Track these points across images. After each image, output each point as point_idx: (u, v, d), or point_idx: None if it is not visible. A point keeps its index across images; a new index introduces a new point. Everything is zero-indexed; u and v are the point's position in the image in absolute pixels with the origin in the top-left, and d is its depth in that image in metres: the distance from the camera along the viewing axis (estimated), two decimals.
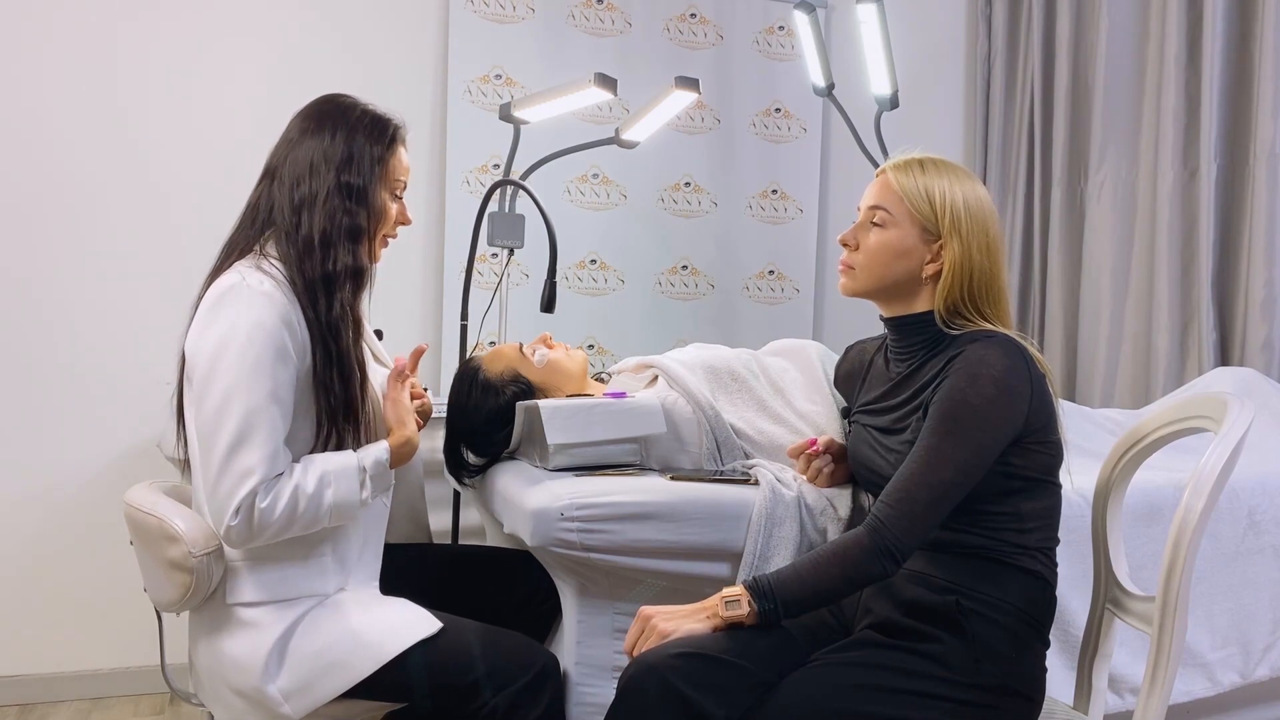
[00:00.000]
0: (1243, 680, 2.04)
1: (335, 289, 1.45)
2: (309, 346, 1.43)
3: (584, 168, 3.11)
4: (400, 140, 1.55)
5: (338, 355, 1.44)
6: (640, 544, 1.54)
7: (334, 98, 1.56)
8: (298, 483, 1.39)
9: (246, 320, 1.38)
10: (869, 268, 1.47)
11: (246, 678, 1.42)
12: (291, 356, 1.41)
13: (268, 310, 1.39)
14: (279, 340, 1.39)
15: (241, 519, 1.35)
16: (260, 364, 1.37)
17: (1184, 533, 1.31)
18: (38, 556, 2.64)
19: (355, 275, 1.48)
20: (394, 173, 1.53)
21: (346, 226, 1.47)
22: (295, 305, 1.43)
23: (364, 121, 1.52)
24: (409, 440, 1.53)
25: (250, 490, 1.35)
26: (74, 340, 2.66)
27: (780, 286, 3.40)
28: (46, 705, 2.63)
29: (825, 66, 2.84)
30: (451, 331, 2.93)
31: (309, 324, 1.44)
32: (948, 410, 1.33)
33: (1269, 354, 2.77)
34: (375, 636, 1.42)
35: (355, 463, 1.45)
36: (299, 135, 1.51)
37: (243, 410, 1.35)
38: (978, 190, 1.46)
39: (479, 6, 2.99)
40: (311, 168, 1.48)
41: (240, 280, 1.42)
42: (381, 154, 1.51)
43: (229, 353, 1.37)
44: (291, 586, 1.46)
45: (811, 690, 1.30)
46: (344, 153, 1.48)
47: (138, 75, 2.70)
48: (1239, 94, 2.90)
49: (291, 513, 1.38)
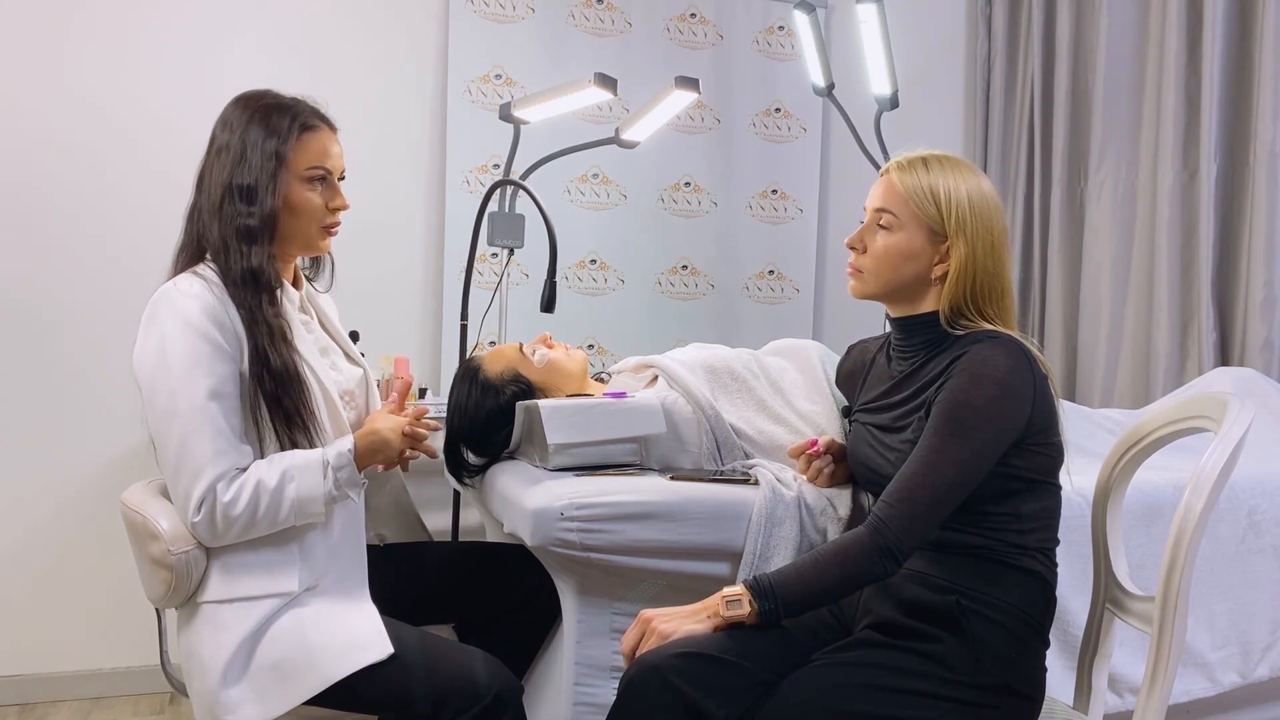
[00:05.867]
0: (1243, 680, 2.04)
1: (244, 291, 1.43)
2: (243, 342, 1.42)
3: (584, 168, 3.11)
4: (307, 125, 1.50)
5: (264, 356, 1.42)
6: (640, 544, 1.54)
7: (241, 95, 1.53)
8: (260, 477, 1.39)
9: (175, 323, 1.39)
10: (878, 271, 1.46)
11: (206, 679, 1.41)
12: (226, 350, 1.40)
13: (193, 309, 1.39)
14: (209, 336, 1.39)
15: (204, 515, 1.37)
16: (196, 363, 1.38)
17: (1184, 533, 1.31)
18: (38, 556, 2.64)
19: (254, 276, 1.44)
20: (302, 162, 1.48)
21: (238, 229, 1.44)
22: (227, 302, 1.43)
23: (259, 116, 1.48)
24: (375, 431, 1.48)
25: (208, 485, 1.36)
26: (74, 340, 2.65)
27: (780, 286, 3.40)
28: (46, 705, 2.63)
29: (825, 66, 2.84)
30: (451, 331, 2.93)
31: (243, 320, 1.43)
32: (950, 410, 1.33)
33: (1269, 354, 2.77)
34: (326, 655, 1.39)
35: (319, 457, 1.44)
36: (213, 139, 1.51)
37: (186, 409, 1.37)
38: (982, 185, 1.45)
39: (479, 6, 2.99)
40: (213, 171, 1.48)
41: (171, 287, 1.44)
42: (277, 147, 1.46)
43: (165, 357, 1.38)
44: (255, 584, 1.44)
45: (812, 690, 1.30)
46: (237, 151, 1.46)
47: (139, 77, 2.69)
48: (1239, 94, 2.90)
49: (254, 507, 1.38)
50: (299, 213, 1.50)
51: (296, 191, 1.49)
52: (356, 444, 1.47)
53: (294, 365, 1.45)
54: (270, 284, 1.46)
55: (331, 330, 1.66)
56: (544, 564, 1.65)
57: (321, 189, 1.51)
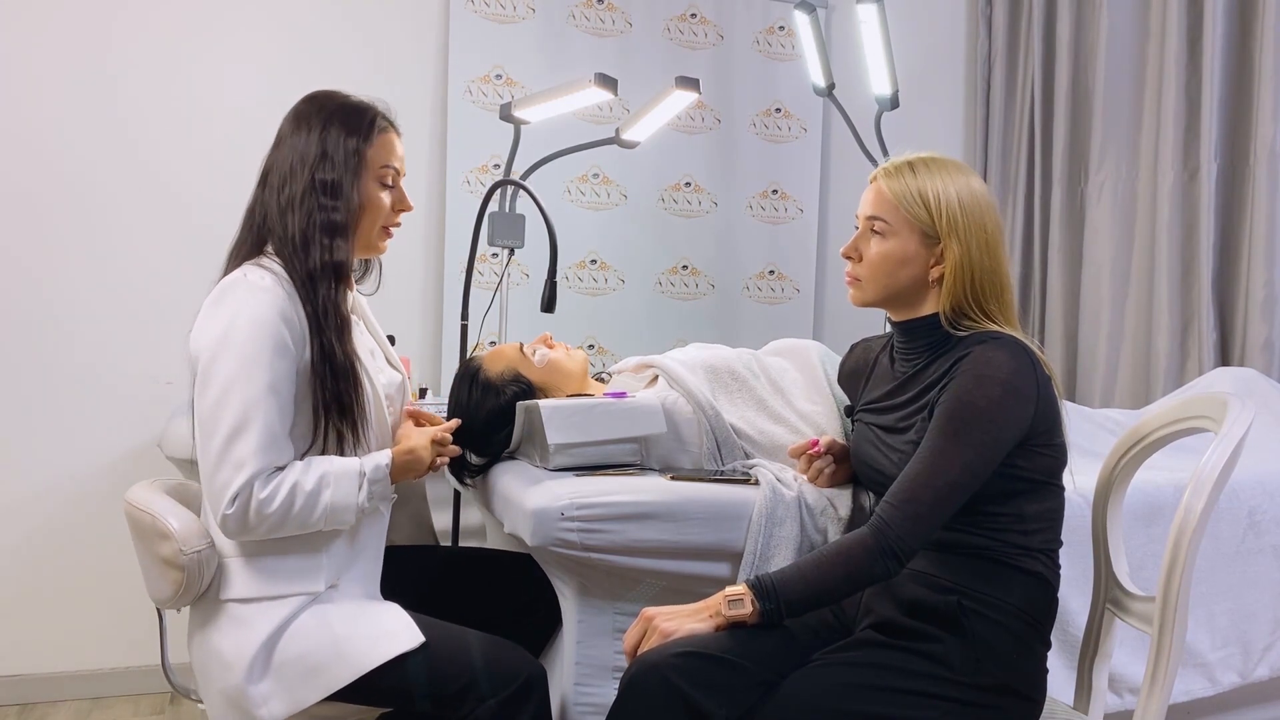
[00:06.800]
0: (1243, 680, 2.04)
1: (318, 285, 1.45)
2: (307, 340, 1.44)
3: (584, 168, 3.11)
4: (381, 128, 1.53)
5: (329, 350, 1.44)
6: (640, 544, 1.54)
7: (314, 95, 1.55)
8: (297, 479, 1.40)
9: (245, 314, 1.40)
10: (875, 279, 1.47)
11: (230, 676, 1.42)
12: (290, 349, 1.41)
13: (266, 304, 1.41)
14: (277, 333, 1.40)
15: (238, 508, 1.37)
16: (259, 356, 1.38)
17: (1184, 533, 1.31)
18: (38, 556, 2.64)
19: (336, 270, 1.47)
20: (377, 161, 1.52)
21: (322, 223, 1.47)
22: (294, 300, 1.44)
23: (339, 115, 1.51)
24: (412, 451, 1.53)
25: (246, 480, 1.36)
26: (75, 340, 2.66)
27: (780, 286, 3.40)
28: (46, 705, 2.63)
29: (825, 66, 2.84)
30: (452, 331, 2.93)
31: (307, 318, 1.45)
32: (954, 411, 1.33)
33: (1269, 354, 2.77)
34: (357, 646, 1.42)
35: (356, 467, 1.46)
36: (283, 137, 1.52)
37: (240, 401, 1.37)
38: (972, 184, 1.45)
39: (479, 6, 2.99)
40: (291, 169, 1.49)
41: (242, 277, 1.44)
42: (358, 145, 1.50)
43: (228, 346, 1.38)
44: (282, 583, 1.45)
45: (813, 690, 1.30)
46: (318, 149, 1.48)
47: (141, 76, 2.69)
48: (1239, 94, 2.90)
49: (288, 508, 1.39)
50: (369, 211, 1.53)
51: (371, 191, 1.52)
52: (394, 460, 1.50)
53: (355, 361, 1.48)
54: (350, 278, 1.51)
55: (374, 333, 1.68)
56: (543, 566, 1.65)
57: (390, 190, 1.55)
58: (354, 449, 1.49)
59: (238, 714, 1.43)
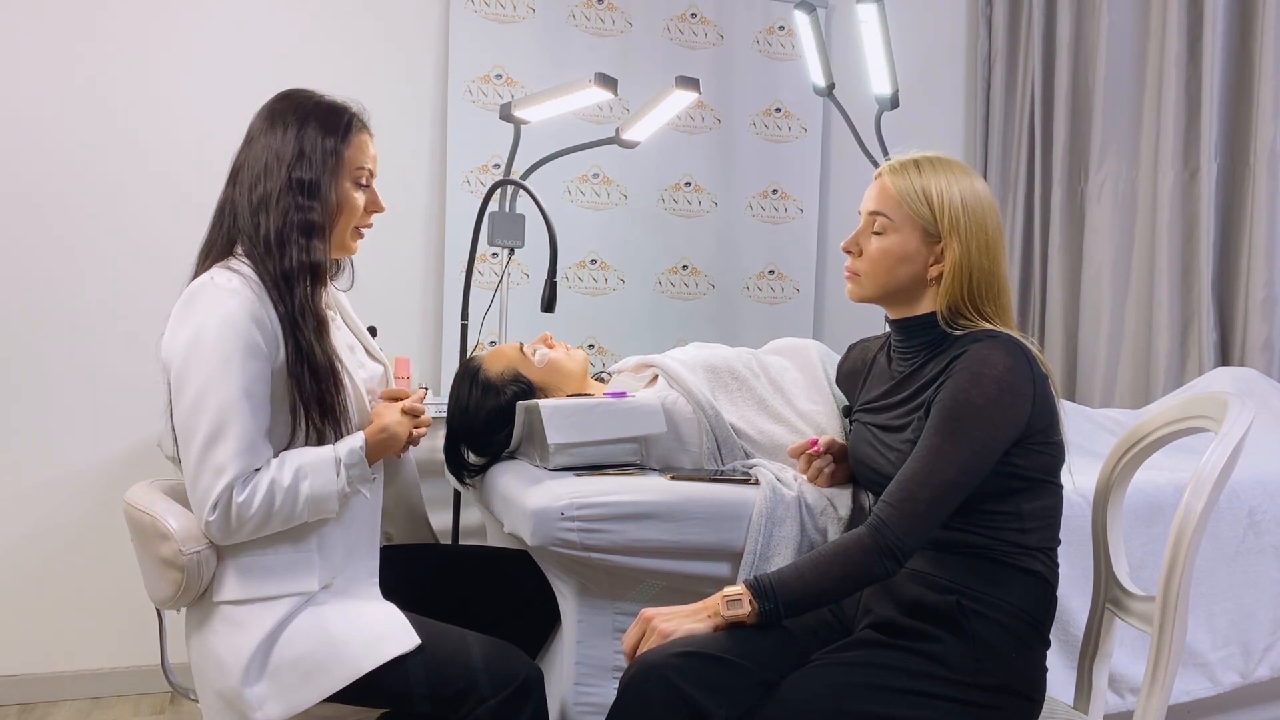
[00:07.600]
0: (1243, 680, 2.04)
1: (294, 285, 1.44)
2: (281, 340, 1.43)
3: (584, 167, 3.11)
4: (357, 128, 1.53)
5: (308, 350, 1.44)
6: (640, 544, 1.54)
7: (289, 93, 1.54)
8: (274, 476, 1.40)
9: (214, 318, 1.39)
10: (874, 274, 1.47)
11: (226, 678, 1.41)
12: (263, 350, 1.41)
13: (235, 307, 1.40)
14: (248, 336, 1.39)
15: (219, 514, 1.37)
16: (230, 360, 1.38)
17: (1184, 533, 1.31)
18: (38, 556, 2.64)
19: (312, 270, 1.46)
20: (353, 162, 1.51)
21: (299, 223, 1.46)
22: (265, 301, 1.43)
23: (316, 114, 1.50)
24: (385, 428, 1.51)
25: (226, 485, 1.36)
26: (75, 340, 2.66)
27: (780, 286, 3.40)
28: (46, 705, 2.63)
29: (825, 66, 2.84)
30: (452, 331, 2.93)
31: (281, 319, 1.43)
32: (950, 410, 1.33)
33: (1269, 354, 2.77)
34: (353, 649, 1.41)
35: (330, 454, 1.45)
36: (256, 134, 1.51)
37: (215, 407, 1.36)
38: (975, 186, 1.45)
39: (479, 6, 2.99)
40: (266, 167, 1.47)
41: (209, 281, 1.43)
42: (335, 145, 1.49)
43: (199, 351, 1.38)
44: (274, 583, 1.45)
45: (812, 690, 1.30)
46: (295, 148, 1.47)
47: (141, 75, 2.70)
48: (1239, 94, 2.90)
49: (268, 506, 1.39)
50: (344, 212, 1.52)
51: (346, 191, 1.52)
52: (367, 441, 1.49)
53: (333, 360, 1.47)
54: (326, 278, 1.49)
55: (353, 327, 1.67)
56: (542, 565, 1.65)
57: (364, 190, 1.55)
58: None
59: (234, 716, 1.43)
